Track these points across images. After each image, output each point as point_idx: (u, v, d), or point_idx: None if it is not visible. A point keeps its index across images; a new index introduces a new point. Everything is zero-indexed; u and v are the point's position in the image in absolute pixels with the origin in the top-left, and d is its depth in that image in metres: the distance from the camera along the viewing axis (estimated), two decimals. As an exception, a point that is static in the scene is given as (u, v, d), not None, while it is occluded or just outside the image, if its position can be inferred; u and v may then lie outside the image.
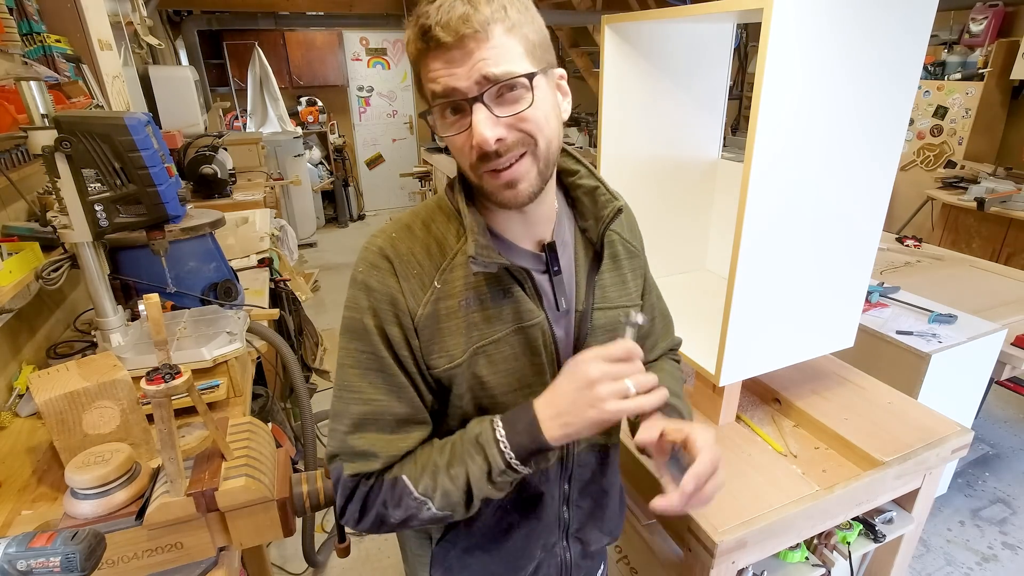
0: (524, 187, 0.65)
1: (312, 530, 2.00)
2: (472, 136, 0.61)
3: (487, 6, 0.59)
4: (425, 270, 0.70)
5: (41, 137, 1.07)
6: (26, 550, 0.62)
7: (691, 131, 1.48)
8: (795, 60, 0.90)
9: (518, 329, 0.72)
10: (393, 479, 0.71)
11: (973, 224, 3.71)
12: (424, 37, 0.60)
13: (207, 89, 5.54)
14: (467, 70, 0.60)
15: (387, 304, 0.69)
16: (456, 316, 0.70)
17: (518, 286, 0.72)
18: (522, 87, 0.62)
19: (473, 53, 0.59)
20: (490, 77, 0.60)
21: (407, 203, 7.19)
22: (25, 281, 1.21)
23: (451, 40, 0.59)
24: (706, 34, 1.37)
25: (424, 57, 0.62)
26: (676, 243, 1.63)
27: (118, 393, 0.97)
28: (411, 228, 0.72)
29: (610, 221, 0.75)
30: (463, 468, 0.68)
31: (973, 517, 2.21)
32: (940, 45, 4.06)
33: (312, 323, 2.87)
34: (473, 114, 0.61)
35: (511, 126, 0.62)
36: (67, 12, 2.03)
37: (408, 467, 0.71)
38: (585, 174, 0.79)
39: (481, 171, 0.64)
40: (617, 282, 0.81)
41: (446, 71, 0.61)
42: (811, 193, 1.04)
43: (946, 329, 1.81)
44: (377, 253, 0.70)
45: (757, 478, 1.11)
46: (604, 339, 0.79)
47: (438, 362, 0.71)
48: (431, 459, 0.71)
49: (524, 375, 0.74)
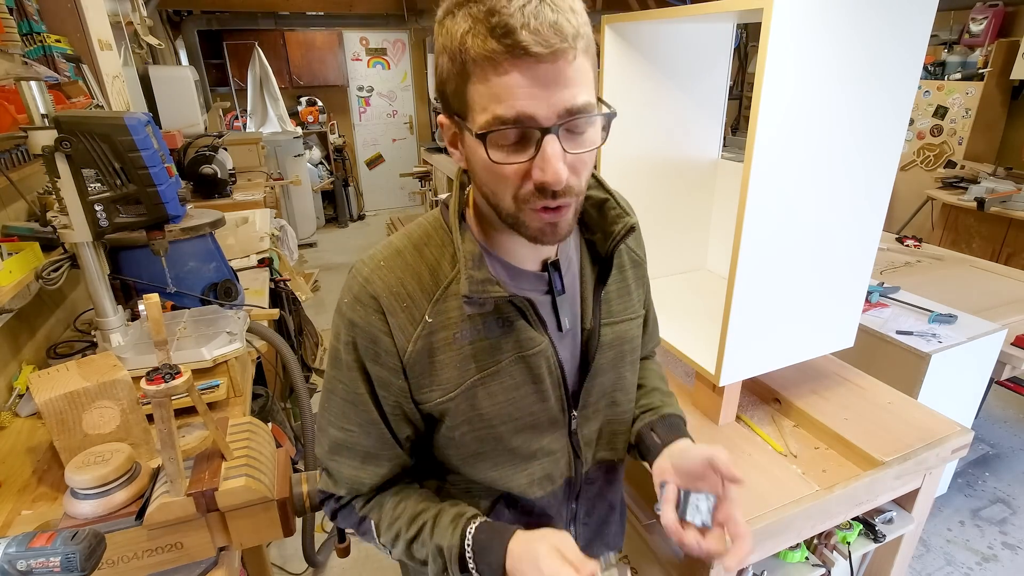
0: (563, 225, 0.60)
1: (312, 530, 2.00)
2: (536, 169, 0.54)
3: (574, 16, 0.51)
4: (416, 302, 0.65)
5: (41, 137, 1.07)
6: (26, 550, 0.62)
7: (691, 131, 1.48)
8: (795, 60, 0.90)
9: (519, 358, 0.68)
10: (361, 517, 0.75)
11: (973, 224, 3.71)
12: (504, 39, 0.49)
13: (207, 89, 5.54)
14: (550, 96, 0.52)
15: (369, 342, 0.65)
16: (451, 348, 0.66)
17: (519, 315, 0.67)
18: (593, 124, 0.56)
19: (561, 75, 0.51)
20: (574, 111, 0.53)
21: (407, 203, 7.19)
22: (25, 281, 1.21)
23: (545, 53, 0.50)
24: (706, 34, 1.37)
25: (497, 65, 0.51)
26: (676, 243, 1.63)
27: (118, 393, 0.97)
28: (402, 253, 0.67)
29: (622, 239, 0.71)
30: (424, 553, 0.70)
31: (973, 517, 2.21)
32: (940, 45, 4.06)
33: (312, 323, 2.87)
34: (545, 146, 0.53)
35: (573, 167, 0.56)
36: (67, 12, 2.03)
37: (375, 512, 0.74)
38: (594, 185, 0.74)
39: (529, 206, 0.58)
40: (622, 293, 0.79)
41: (527, 91, 0.51)
42: (811, 193, 1.04)
43: (946, 329, 1.80)
44: (362, 287, 0.66)
45: (757, 478, 1.11)
46: (612, 355, 0.77)
47: (430, 396, 0.68)
48: (399, 521, 0.72)
49: (526, 404, 0.71)
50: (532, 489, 0.76)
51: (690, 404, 1.34)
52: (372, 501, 0.75)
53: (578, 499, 0.82)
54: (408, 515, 0.72)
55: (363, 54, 6.55)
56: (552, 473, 0.77)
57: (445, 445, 0.73)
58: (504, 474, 0.74)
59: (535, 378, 0.70)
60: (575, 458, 0.79)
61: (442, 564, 0.69)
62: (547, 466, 0.76)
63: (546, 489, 0.77)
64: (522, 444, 0.73)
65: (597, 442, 0.81)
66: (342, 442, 0.71)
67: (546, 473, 0.76)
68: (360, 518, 0.75)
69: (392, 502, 0.74)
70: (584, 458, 0.80)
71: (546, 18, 0.49)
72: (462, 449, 0.72)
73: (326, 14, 5.99)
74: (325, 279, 4.82)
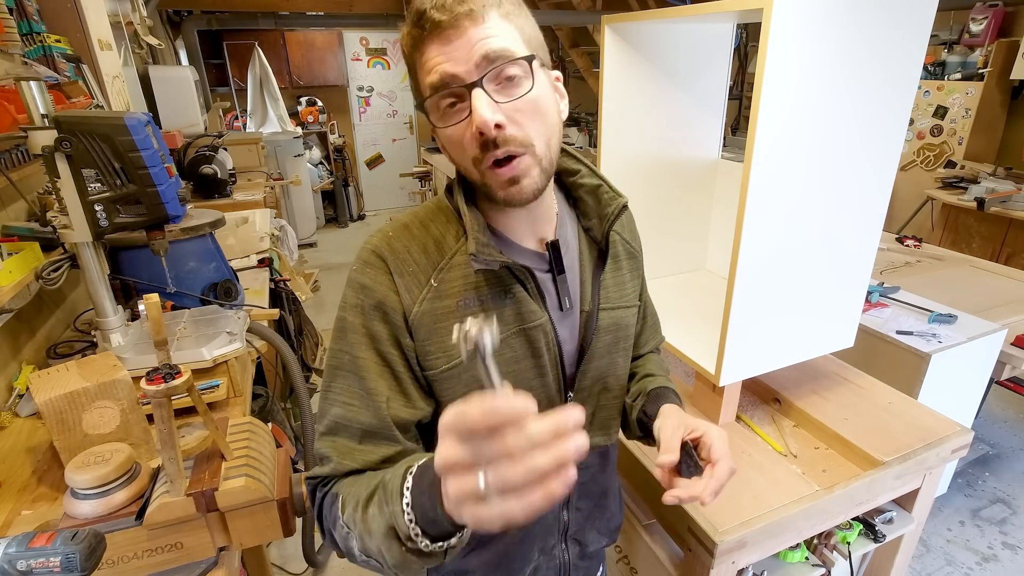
0: (527, 183, 0.63)
1: (312, 530, 2.00)
2: (472, 124, 0.59)
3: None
4: (421, 268, 0.69)
5: (41, 137, 1.07)
6: (26, 550, 0.62)
7: (691, 131, 1.48)
8: (795, 60, 0.90)
9: (520, 331, 0.71)
10: (335, 494, 0.65)
11: (973, 224, 3.71)
12: (419, 22, 0.59)
13: (207, 89, 5.54)
14: (465, 53, 0.58)
15: (377, 302, 0.67)
16: (454, 316, 0.68)
17: (520, 285, 0.70)
18: (522, 73, 0.61)
19: (470, 33, 0.58)
20: (489, 55, 0.58)
21: (407, 203, 7.19)
22: (25, 281, 1.21)
23: (447, 19, 0.57)
24: (706, 34, 1.37)
25: (420, 45, 0.61)
26: (676, 243, 1.63)
27: (118, 393, 0.97)
28: (408, 228, 0.71)
29: (616, 218, 0.74)
30: (377, 512, 0.57)
31: (973, 517, 2.21)
32: (940, 45, 4.06)
33: (312, 323, 2.87)
34: (472, 99, 0.59)
35: (511, 117, 0.60)
36: (67, 12, 2.03)
37: (347, 486, 0.64)
38: (586, 173, 0.78)
39: (483, 166, 0.63)
40: (618, 283, 0.81)
41: (443, 56, 0.59)
42: (811, 193, 1.04)
43: (946, 329, 1.80)
44: (372, 251, 0.69)
45: (757, 478, 1.11)
46: (608, 340, 0.79)
47: (436, 363, 0.69)
48: (361, 486, 0.61)
49: (525, 378, 0.73)
50: None
51: (690, 404, 1.34)
52: (348, 478, 0.67)
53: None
54: (366, 480, 0.64)
55: (363, 54, 6.55)
56: None
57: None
58: None
59: (534, 352, 0.72)
60: None
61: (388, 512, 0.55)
62: None
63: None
64: None
65: (590, 426, 0.83)
66: (340, 419, 0.67)
67: None
68: (333, 496, 0.65)
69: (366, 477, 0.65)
70: None
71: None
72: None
73: (326, 14, 5.99)
74: (325, 279, 4.82)
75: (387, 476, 0.59)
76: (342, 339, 0.69)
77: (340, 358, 0.69)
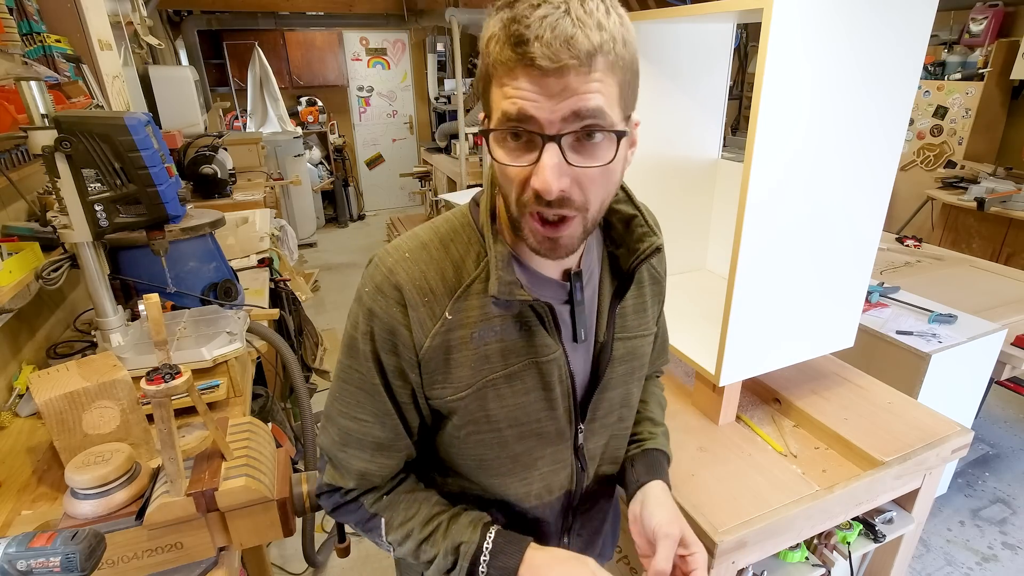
0: (566, 242, 0.59)
1: (312, 530, 2.00)
2: (534, 176, 0.55)
3: (597, 33, 0.51)
4: (437, 298, 0.65)
5: (41, 137, 1.07)
6: (26, 550, 0.62)
7: (691, 131, 1.48)
8: (795, 60, 0.90)
9: (532, 364, 0.68)
10: (371, 513, 0.74)
11: (973, 224, 3.71)
12: (516, 48, 0.51)
13: (207, 89, 5.54)
14: (555, 104, 0.52)
15: (387, 333, 0.65)
16: (467, 347, 0.66)
17: (537, 320, 0.67)
18: (606, 140, 0.55)
19: (568, 79, 0.51)
20: (581, 112, 0.52)
21: (407, 203, 7.20)
22: (25, 281, 1.21)
23: (550, 68, 0.50)
24: (706, 34, 1.37)
25: (510, 68, 0.52)
26: (676, 243, 1.63)
27: (118, 393, 0.97)
28: (427, 247, 0.67)
29: (646, 258, 0.70)
30: (433, 552, 0.71)
31: (973, 517, 2.21)
32: (940, 45, 4.06)
33: (312, 323, 2.87)
34: (544, 155, 0.53)
35: (576, 181, 0.55)
36: (67, 12, 2.03)
37: (387, 511, 0.74)
38: (623, 199, 0.73)
39: (527, 210, 0.58)
40: (639, 309, 0.78)
41: (531, 95, 0.52)
42: (811, 193, 1.04)
43: (946, 329, 1.81)
44: (386, 277, 0.65)
45: (757, 478, 1.11)
46: (623, 370, 0.77)
47: (442, 393, 0.68)
48: (412, 522, 0.72)
49: (534, 410, 0.71)
50: (529, 498, 0.76)
51: (690, 404, 1.34)
52: (384, 499, 0.74)
53: (575, 512, 0.83)
54: (423, 516, 0.72)
55: (363, 54, 6.55)
56: (551, 484, 0.77)
57: (448, 444, 0.73)
58: (503, 481, 0.74)
59: (545, 385, 0.70)
60: (580, 471, 0.79)
61: (452, 561, 0.69)
62: (547, 477, 0.76)
63: (543, 499, 0.77)
64: (525, 451, 0.73)
65: (602, 456, 0.82)
66: (353, 432, 0.70)
67: (545, 484, 0.76)
68: (369, 515, 0.74)
69: (406, 502, 0.74)
70: (588, 472, 0.80)
71: (563, 31, 0.50)
72: (465, 450, 0.72)
73: (326, 14, 5.99)
74: (325, 279, 4.82)
75: (444, 532, 0.71)
76: (353, 357, 0.69)
77: (350, 374, 0.70)
